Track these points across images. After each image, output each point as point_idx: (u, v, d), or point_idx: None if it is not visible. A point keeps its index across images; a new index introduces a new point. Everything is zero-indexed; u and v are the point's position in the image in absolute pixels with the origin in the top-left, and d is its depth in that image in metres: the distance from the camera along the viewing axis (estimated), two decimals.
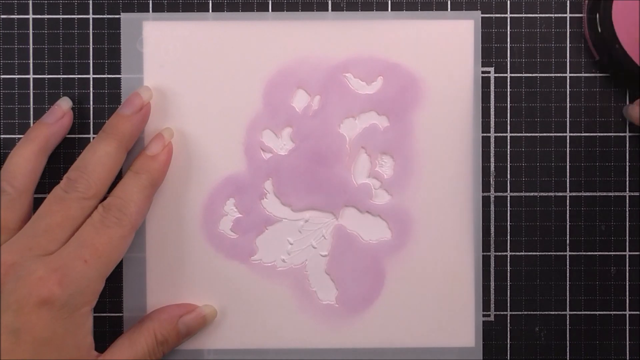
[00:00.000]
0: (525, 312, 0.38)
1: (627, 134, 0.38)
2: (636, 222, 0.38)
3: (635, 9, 0.36)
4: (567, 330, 0.38)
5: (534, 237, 0.38)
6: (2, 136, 0.38)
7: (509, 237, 0.38)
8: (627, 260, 0.38)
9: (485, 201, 0.38)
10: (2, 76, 0.38)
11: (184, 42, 0.37)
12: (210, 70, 0.37)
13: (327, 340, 0.37)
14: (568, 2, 0.38)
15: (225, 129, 0.37)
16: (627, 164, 0.38)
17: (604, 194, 0.38)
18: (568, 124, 0.38)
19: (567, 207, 0.38)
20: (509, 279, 0.38)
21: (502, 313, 0.38)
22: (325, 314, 0.37)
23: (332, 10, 0.38)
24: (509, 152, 0.38)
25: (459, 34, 0.38)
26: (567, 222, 0.38)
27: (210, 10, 0.38)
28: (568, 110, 0.38)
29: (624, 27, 0.36)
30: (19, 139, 0.37)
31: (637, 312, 0.38)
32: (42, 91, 0.38)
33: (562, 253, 0.38)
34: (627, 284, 0.38)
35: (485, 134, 0.38)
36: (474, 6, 0.38)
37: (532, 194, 0.38)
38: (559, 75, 0.38)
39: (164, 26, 0.37)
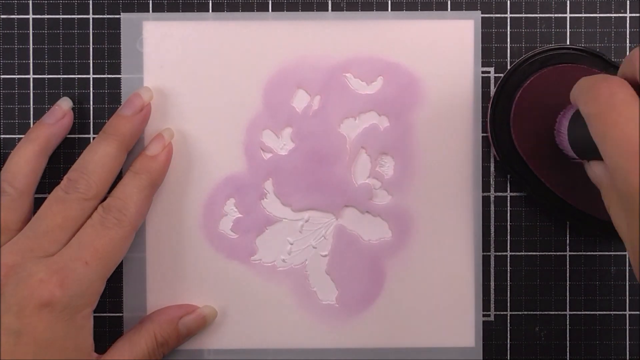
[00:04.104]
0: (525, 312, 0.38)
1: None
2: None
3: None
4: (567, 330, 0.38)
5: (534, 237, 0.38)
6: (2, 136, 0.38)
7: (509, 237, 0.38)
8: (627, 260, 0.38)
9: (485, 201, 0.38)
10: (2, 76, 0.38)
11: (184, 42, 0.37)
12: (210, 70, 0.37)
13: (327, 340, 0.37)
14: (568, 2, 0.38)
15: (225, 129, 0.37)
16: None
17: None
18: None
19: None
20: (509, 279, 0.38)
21: (502, 313, 0.38)
22: (325, 314, 0.37)
23: (332, 10, 0.38)
24: None
25: (459, 34, 0.37)
26: (567, 222, 0.38)
27: (210, 10, 0.38)
28: None
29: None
30: (19, 139, 0.37)
31: (637, 312, 0.38)
32: (42, 91, 0.38)
33: (562, 253, 0.38)
34: (627, 284, 0.38)
35: (485, 134, 0.38)
36: (474, 6, 0.38)
37: None
38: None
39: (164, 26, 0.37)
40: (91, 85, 0.38)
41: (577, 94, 0.30)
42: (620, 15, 0.38)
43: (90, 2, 0.38)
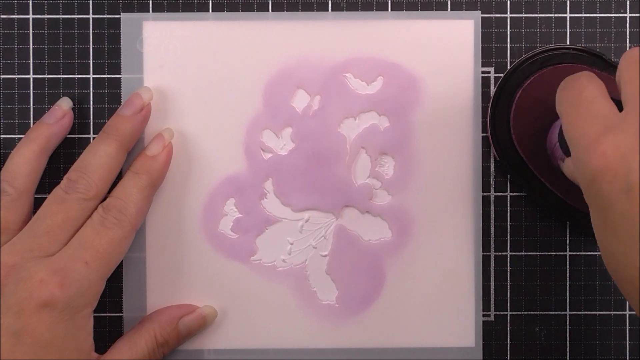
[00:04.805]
0: (525, 312, 0.38)
1: None
2: None
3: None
4: (567, 330, 0.38)
5: (534, 237, 0.38)
6: (2, 136, 0.38)
7: (509, 237, 0.38)
8: None
9: (485, 201, 0.38)
10: (2, 76, 0.38)
11: (184, 42, 0.37)
12: (210, 70, 0.37)
13: (327, 340, 0.37)
14: (568, 2, 0.38)
15: (225, 129, 0.37)
16: None
17: None
18: None
19: None
20: (509, 279, 0.38)
21: (502, 313, 0.38)
22: (325, 314, 0.37)
23: (332, 10, 0.38)
24: None
25: (459, 34, 0.37)
26: (567, 222, 0.38)
27: (210, 10, 0.38)
28: None
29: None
30: (19, 139, 0.37)
31: None
32: (42, 91, 0.38)
33: (562, 253, 0.38)
34: None
35: (485, 134, 0.38)
36: (474, 6, 0.38)
37: None
38: None
39: (164, 26, 0.37)
40: (91, 85, 0.38)
41: (557, 95, 0.31)
42: (620, 15, 0.38)
43: (90, 2, 0.38)
